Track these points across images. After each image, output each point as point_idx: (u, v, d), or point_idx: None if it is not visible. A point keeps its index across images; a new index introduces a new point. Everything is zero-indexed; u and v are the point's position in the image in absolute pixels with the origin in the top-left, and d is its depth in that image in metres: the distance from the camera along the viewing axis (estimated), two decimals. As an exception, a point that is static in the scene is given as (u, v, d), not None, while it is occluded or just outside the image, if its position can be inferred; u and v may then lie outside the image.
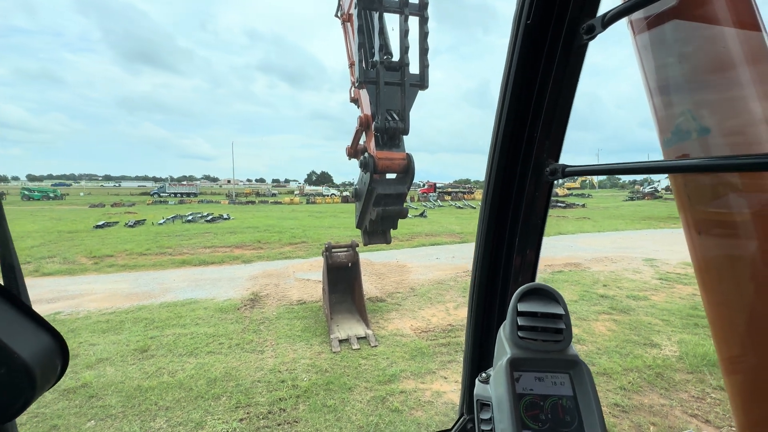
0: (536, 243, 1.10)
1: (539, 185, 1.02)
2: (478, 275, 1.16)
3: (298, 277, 10.03)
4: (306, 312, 7.24)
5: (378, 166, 4.70)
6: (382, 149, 4.79)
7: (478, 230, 1.15)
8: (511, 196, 1.07)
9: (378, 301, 7.95)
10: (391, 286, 9.15)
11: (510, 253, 1.11)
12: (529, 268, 1.11)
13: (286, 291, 8.70)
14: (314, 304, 7.68)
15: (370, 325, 6.36)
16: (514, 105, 1.00)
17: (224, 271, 10.71)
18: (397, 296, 8.30)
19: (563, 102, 0.96)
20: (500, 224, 1.11)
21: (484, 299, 1.17)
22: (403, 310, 7.45)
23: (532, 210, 1.06)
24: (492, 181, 1.08)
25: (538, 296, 0.87)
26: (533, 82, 0.97)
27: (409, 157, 4.79)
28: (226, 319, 6.82)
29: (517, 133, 1.03)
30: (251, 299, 7.88)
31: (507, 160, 1.05)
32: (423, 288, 8.89)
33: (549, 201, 1.04)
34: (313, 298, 8.13)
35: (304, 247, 14.59)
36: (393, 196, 4.96)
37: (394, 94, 4.72)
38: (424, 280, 9.58)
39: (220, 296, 8.29)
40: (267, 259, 12.38)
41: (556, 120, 0.98)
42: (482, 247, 1.14)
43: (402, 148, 4.91)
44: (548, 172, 0.99)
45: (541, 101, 0.98)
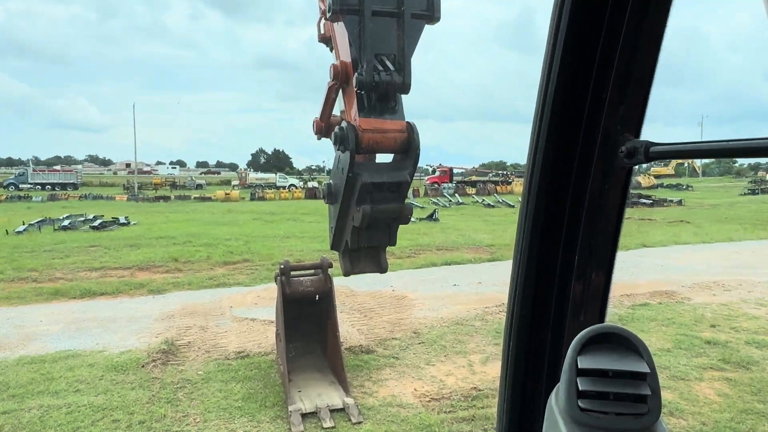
0: (606, 262, 1.11)
1: (610, 173, 1.03)
2: (517, 312, 1.16)
3: (238, 315, 10.00)
4: (250, 370, 7.22)
5: (362, 141, 4.70)
6: (369, 116, 4.82)
7: (517, 242, 1.16)
8: (566, 191, 1.08)
9: (364, 351, 7.96)
10: (383, 328, 9.16)
11: (566, 277, 1.12)
12: (595, 301, 1.12)
13: (219, 337, 8.66)
14: (263, 358, 7.67)
15: (350, 391, 6.37)
16: (571, 49, 1.01)
17: (121, 307, 10.64)
18: (392, 344, 8.32)
19: (647, 44, 0.97)
20: (550, 233, 1.12)
21: (525, 349, 1.17)
22: (403, 365, 7.46)
23: (599, 211, 1.07)
24: (537, 168, 1.09)
25: (610, 345, 0.87)
26: (601, 12, 0.98)
27: (411, 128, 4.83)
28: (125, 383, 6.78)
29: (576, 95, 1.04)
30: (164, 351, 7.83)
31: (559, 135, 1.06)
32: (433, 331, 8.93)
33: (626, 196, 1.05)
34: (261, 347, 8.10)
35: (246, 269, 14.56)
36: (387, 187, 4.96)
37: (388, 31, 4.75)
38: (435, 320, 9.62)
39: (115, 346, 8.23)
40: (188, 288, 12.34)
41: (635, 73, 1.00)
42: (522, 269, 1.14)
43: (400, 113, 4.94)
44: (624, 153, 1.00)
45: (612, 43, 0.99)
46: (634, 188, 51.02)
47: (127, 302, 11.08)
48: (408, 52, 4.79)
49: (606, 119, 1.01)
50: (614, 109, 1.01)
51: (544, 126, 1.06)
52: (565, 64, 1.02)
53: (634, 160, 0.97)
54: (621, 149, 1.00)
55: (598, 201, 1.06)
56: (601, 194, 1.05)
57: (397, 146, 4.88)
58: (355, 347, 8.08)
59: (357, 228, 5.08)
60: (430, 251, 17.24)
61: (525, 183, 1.13)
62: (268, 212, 33.26)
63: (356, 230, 5.13)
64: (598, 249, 1.10)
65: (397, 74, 4.70)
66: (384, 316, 9.96)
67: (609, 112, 1.01)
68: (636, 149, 0.96)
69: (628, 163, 0.99)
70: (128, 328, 9.21)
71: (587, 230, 1.08)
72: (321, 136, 6.20)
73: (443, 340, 8.47)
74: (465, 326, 9.20)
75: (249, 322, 9.53)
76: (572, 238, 1.10)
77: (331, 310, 6.84)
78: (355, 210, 4.98)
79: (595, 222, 1.08)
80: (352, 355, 7.75)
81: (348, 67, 5.08)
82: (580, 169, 1.06)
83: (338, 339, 6.73)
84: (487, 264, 15.20)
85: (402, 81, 4.72)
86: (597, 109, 1.02)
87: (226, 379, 6.90)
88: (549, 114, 1.05)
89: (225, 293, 11.81)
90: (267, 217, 29.66)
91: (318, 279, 6.84)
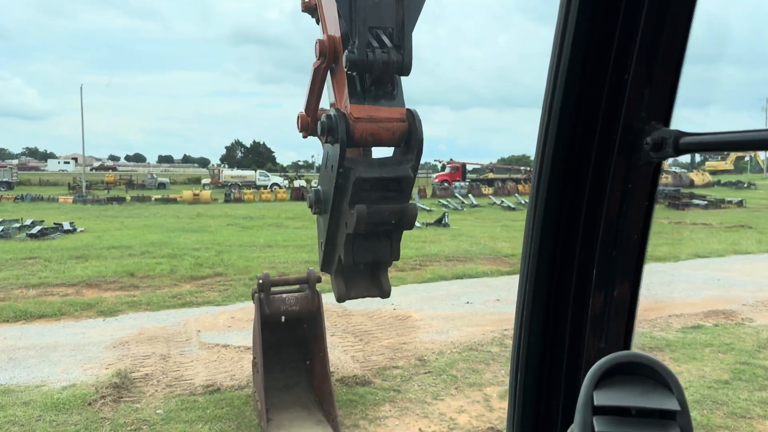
0: (631, 276, 1.11)
1: (633, 169, 1.04)
2: (525, 337, 1.17)
3: (207, 341, 9.99)
4: (221, 408, 7.21)
5: (354, 132, 4.70)
6: (362, 102, 4.82)
7: (524, 255, 1.17)
8: (581, 192, 1.09)
9: (359, 383, 7.96)
10: (382, 354, 9.16)
11: (582, 295, 1.12)
12: (617, 323, 1.12)
13: (183, 368, 8.66)
14: (237, 393, 7.67)
15: (341, 431, 6.34)
16: (586, 20, 1.02)
17: (64, 332, 10.62)
18: (393, 374, 8.32)
19: (677, 11, 0.98)
20: (563, 243, 1.12)
21: (534, 380, 1.17)
22: (405, 400, 7.46)
23: (621, 215, 1.07)
24: (547, 165, 1.09)
25: (633, 377, 0.88)
26: None
27: (412, 116, 4.83)
28: (67, 425, 6.75)
29: (593, 75, 1.04)
30: (115, 385, 7.83)
31: (573, 125, 1.06)
32: (442, 359, 8.92)
33: (654, 197, 1.05)
34: (234, 380, 8.10)
35: (219, 284, 14.57)
36: (386, 184, 4.94)
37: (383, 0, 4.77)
38: (444, 344, 9.62)
39: (56, 380, 8.22)
40: (147, 308, 12.34)
41: (663, 48, 1.00)
42: (530, 286, 1.15)
43: (399, 99, 4.94)
44: (649, 145, 1.00)
45: (635, 11, 1.00)
46: (683, 186, 50.85)
47: (72, 326, 11.04)
48: (408, 25, 4.78)
49: (628, 105, 1.02)
50: (638, 93, 1.01)
51: (554, 114, 1.07)
52: (579, 39, 1.03)
53: (662, 153, 0.98)
54: (646, 140, 1.00)
55: (620, 203, 1.06)
56: (623, 195, 1.06)
57: (395, 138, 4.87)
58: (348, 378, 8.07)
59: (351, 237, 4.99)
60: (439, 262, 17.24)
61: (533, 183, 1.14)
62: (245, 216, 33.30)
63: (350, 240, 5.04)
64: (621, 261, 1.10)
65: (395, 52, 4.70)
66: (383, 339, 9.96)
67: (632, 97, 1.02)
68: (664, 140, 0.97)
69: (654, 158, 1.00)
70: (72, 357, 9.18)
71: (607, 239, 1.09)
72: (307, 134, 6.10)
73: (454, 370, 8.47)
74: (480, 352, 9.19)
75: (220, 349, 9.52)
76: (589, 248, 1.11)
77: (320, 334, 6.84)
78: (348, 213, 4.92)
79: (616, 229, 1.08)
80: (344, 388, 7.74)
81: (337, 42, 5.08)
82: (597, 164, 1.07)
83: (328, 368, 6.72)
84: (506, 278, 15.22)
85: (401, 60, 4.70)
86: (617, 93, 1.03)
87: (191, 419, 6.87)
88: (560, 100, 1.05)
89: (192, 314, 11.80)
90: (244, 222, 29.72)
91: (304, 296, 6.84)
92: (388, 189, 4.98)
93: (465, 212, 37.83)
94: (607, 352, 0.92)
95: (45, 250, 19.33)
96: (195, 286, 14.52)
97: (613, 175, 1.05)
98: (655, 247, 19.08)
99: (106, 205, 45.41)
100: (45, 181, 78.18)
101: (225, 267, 16.55)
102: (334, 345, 9.38)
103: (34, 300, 12.86)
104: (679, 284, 13.81)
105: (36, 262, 17.28)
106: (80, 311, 12.03)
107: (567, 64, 1.04)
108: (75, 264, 16.96)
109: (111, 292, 13.86)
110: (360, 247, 5.14)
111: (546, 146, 1.09)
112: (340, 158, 4.77)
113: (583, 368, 1.13)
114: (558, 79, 1.06)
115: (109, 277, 15.11)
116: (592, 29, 1.02)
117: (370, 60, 4.64)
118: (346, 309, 11.70)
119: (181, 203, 46.91)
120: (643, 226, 1.08)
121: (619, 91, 1.03)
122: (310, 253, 19.01)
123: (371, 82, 4.89)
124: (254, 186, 65.90)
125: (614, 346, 1.12)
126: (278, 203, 49.09)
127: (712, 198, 41.43)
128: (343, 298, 5.50)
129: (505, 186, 55.88)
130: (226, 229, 26.69)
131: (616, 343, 1.12)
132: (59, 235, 23.85)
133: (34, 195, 51.31)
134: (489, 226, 27.86)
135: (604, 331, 1.12)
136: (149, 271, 15.89)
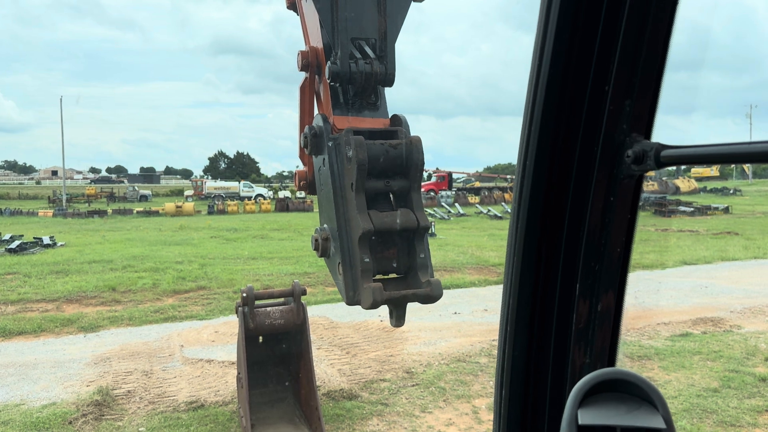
0: (614, 289, 1.11)
1: (615, 182, 1.04)
2: (509, 353, 1.16)
3: (191, 356, 9.91)
4: (205, 425, 7.14)
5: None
6: (345, 113, 4.80)
7: (507, 270, 1.16)
8: (563, 205, 1.08)
9: (345, 397, 7.92)
10: (369, 367, 9.13)
11: (565, 310, 1.12)
12: (602, 337, 1.12)
13: (167, 384, 8.57)
14: (221, 410, 7.60)
15: (328, 447, 6.31)
16: (565, 29, 1.02)
17: (44, 349, 10.50)
18: (381, 387, 8.28)
19: (656, 20, 0.98)
20: (544, 258, 1.12)
21: (518, 395, 1.16)
22: (393, 414, 7.43)
23: (603, 226, 1.07)
24: (528, 177, 1.09)
25: (617, 395, 0.87)
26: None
27: (400, 122, 4.76)
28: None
29: (572, 86, 1.05)
30: (97, 403, 7.73)
31: (554, 135, 1.06)
32: (430, 371, 8.90)
33: (636, 210, 1.05)
34: (219, 396, 8.03)
35: (202, 298, 14.47)
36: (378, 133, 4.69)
37: (365, 8, 4.77)
38: (432, 356, 9.60)
39: (36, 398, 8.11)
40: (129, 324, 12.23)
41: (644, 58, 1.00)
42: (513, 298, 1.14)
43: (382, 110, 4.94)
44: (630, 157, 1.00)
45: (614, 20, 1.00)
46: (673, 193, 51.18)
47: (52, 343, 10.92)
48: (391, 35, 4.81)
49: (609, 117, 1.02)
50: (619, 105, 1.02)
51: (534, 126, 1.07)
52: (558, 50, 1.03)
53: (643, 166, 0.98)
54: (627, 153, 1.00)
55: (602, 215, 1.06)
56: (604, 208, 1.06)
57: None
58: (335, 392, 8.03)
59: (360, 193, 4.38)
60: (427, 273, 17.25)
61: (514, 195, 1.13)
62: (229, 228, 33.14)
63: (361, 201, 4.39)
64: (605, 274, 1.10)
65: (378, 63, 4.70)
66: (370, 352, 9.92)
67: (612, 108, 1.02)
68: (645, 153, 0.97)
69: (636, 170, 1.00)
70: (53, 374, 9.07)
71: (590, 252, 1.09)
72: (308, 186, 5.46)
73: (442, 381, 8.44)
74: (468, 364, 9.18)
75: (204, 364, 9.44)
76: (572, 261, 1.10)
77: (305, 347, 6.80)
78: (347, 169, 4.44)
79: (599, 243, 1.08)
80: (331, 402, 7.70)
81: (319, 53, 5.09)
82: (579, 177, 1.06)
83: (314, 383, 6.67)
84: (494, 288, 15.24)
85: (384, 71, 4.71)
86: (598, 105, 1.03)
87: (174, 436, 6.81)
88: (540, 111, 1.05)
89: (175, 329, 11.71)
90: (228, 235, 29.56)
91: (289, 309, 6.80)
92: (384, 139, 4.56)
93: (452, 221, 37.92)
94: (591, 367, 0.92)
95: (24, 265, 19.10)
96: (178, 300, 14.41)
97: (595, 188, 1.05)
98: (642, 255, 19.25)
99: (87, 218, 45.04)
100: (24, 195, 77.46)
101: (208, 280, 16.44)
102: (320, 359, 9.33)
103: (13, 316, 12.69)
104: (667, 292, 13.90)
105: (15, 278, 17.06)
106: (60, 327, 11.90)
107: (547, 76, 1.04)
108: (55, 279, 16.77)
109: (92, 307, 13.71)
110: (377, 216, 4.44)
111: (527, 159, 1.09)
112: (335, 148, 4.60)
113: (569, 383, 1.12)
114: (538, 90, 1.06)
115: (90, 292, 14.96)
116: (572, 41, 1.03)
117: (353, 71, 4.65)
118: (333, 321, 11.66)
119: (163, 216, 46.60)
120: (626, 239, 1.08)
121: (599, 102, 1.03)
122: (295, 265, 18.97)
123: (354, 93, 4.90)
124: (238, 197, 65.73)
125: (599, 361, 1.12)
126: (263, 215, 48.92)
127: (699, 205, 41.83)
128: (377, 303, 4.40)
129: (491, 195, 56.13)
130: (210, 242, 26.53)
131: (601, 357, 1.12)
132: (39, 250, 23.58)
133: (14, 209, 50.79)
134: (476, 236, 27.93)
135: (589, 346, 1.12)
136: (131, 285, 15.74)
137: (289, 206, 53.27)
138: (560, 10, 1.01)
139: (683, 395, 7.73)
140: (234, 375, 7.52)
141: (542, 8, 1.03)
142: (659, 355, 9.44)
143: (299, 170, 5.60)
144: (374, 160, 4.44)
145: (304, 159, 5.54)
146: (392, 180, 4.62)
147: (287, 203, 54.39)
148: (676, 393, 7.81)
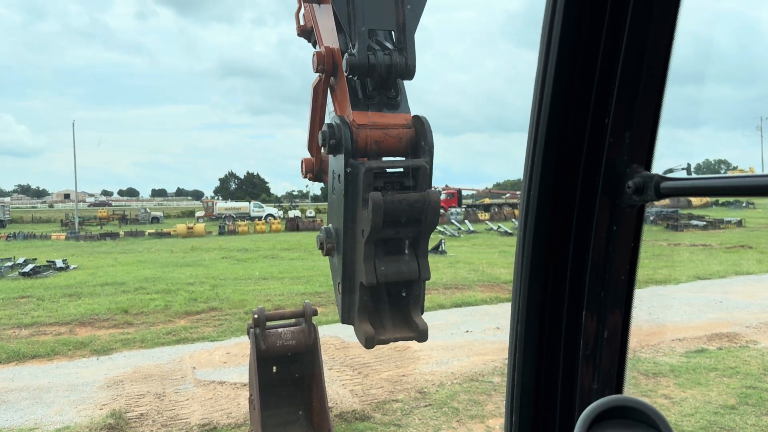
0: (621, 314, 1.12)
1: (617, 212, 1.06)
2: (518, 376, 1.17)
3: (203, 378, 9.89)
4: (218, 447, 7.10)
5: (358, 139, 4.41)
6: (365, 109, 4.62)
7: (514, 293, 1.18)
8: (566, 235, 1.10)
9: (358, 418, 7.87)
10: (382, 388, 9.07)
11: (572, 335, 1.13)
12: (609, 364, 1.13)
13: (179, 407, 8.55)
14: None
15: (341, 469, 6.27)
16: (565, 63, 1.04)
17: (57, 373, 10.51)
18: (393, 408, 8.22)
19: (654, 54, 1.01)
20: (549, 288, 1.14)
21: (529, 421, 1.17)
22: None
23: (607, 258, 1.09)
24: (532, 208, 1.11)
25: (624, 422, 0.88)
26: (599, 18, 1.02)
27: (421, 123, 4.52)
28: (62, 468, 6.66)
29: (573, 118, 1.07)
30: (110, 426, 7.73)
31: (557, 166, 1.09)
32: (442, 390, 8.83)
33: (639, 240, 1.07)
34: (231, 418, 8.00)
35: (214, 319, 14.45)
36: (399, 176, 4.59)
37: (383, 2, 4.57)
38: (445, 375, 9.53)
39: (50, 422, 8.11)
40: (141, 346, 12.22)
41: (643, 91, 1.03)
42: (521, 325, 1.16)
43: (404, 105, 4.70)
44: (631, 188, 1.02)
45: (613, 49, 1.02)
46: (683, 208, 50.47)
47: (65, 366, 10.92)
48: (410, 26, 4.61)
49: (609, 148, 1.04)
50: (619, 137, 1.04)
51: (537, 157, 1.09)
52: (559, 82, 1.05)
53: (644, 196, 1.00)
54: (628, 184, 1.02)
55: (605, 246, 1.08)
56: (608, 238, 1.07)
57: (401, 145, 4.56)
58: (347, 413, 7.98)
59: (371, 251, 4.39)
60: (437, 291, 17.16)
61: (520, 223, 1.15)
62: (240, 249, 33.17)
63: (370, 255, 4.41)
64: (609, 301, 1.11)
65: (397, 54, 4.50)
66: (382, 372, 9.86)
67: (612, 140, 1.04)
68: (645, 184, 0.99)
69: (637, 201, 1.02)
70: (66, 398, 9.06)
71: (594, 283, 1.10)
72: (313, 176, 5.52)
73: (455, 401, 8.37)
74: (481, 383, 9.10)
75: (216, 386, 9.41)
76: (577, 292, 1.12)
77: (317, 368, 6.77)
78: (362, 215, 4.38)
79: (603, 272, 1.09)
80: (343, 424, 7.64)
81: (335, 53, 4.89)
82: (582, 206, 1.08)
83: (326, 404, 6.65)
84: (505, 305, 15.09)
85: (405, 61, 4.48)
86: (599, 137, 1.06)
87: (187, 460, 6.79)
88: (543, 143, 1.08)
89: (187, 351, 11.68)
90: (239, 255, 29.59)
91: (300, 330, 6.80)
92: (402, 185, 4.55)
93: (462, 238, 37.78)
94: (600, 393, 0.93)
95: (38, 289, 19.20)
96: (190, 321, 14.41)
97: (599, 217, 1.07)
98: (654, 270, 19.07)
99: (99, 241, 45.23)
100: (38, 218, 78.03)
101: (220, 301, 16.43)
102: (332, 379, 9.29)
103: (26, 340, 12.74)
104: (681, 307, 13.75)
105: (29, 301, 17.14)
106: (73, 350, 11.91)
107: (548, 110, 1.06)
108: (68, 302, 16.83)
109: (104, 330, 13.73)
110: (382, 262, 4.50)
111: (531, 189, 1.11)
112: (345, 164, 4.49)
113: (577, 408, 1.14)
114: (540, 124, 1.08)
115: (102, 315, 15.00)
116: (572, 74, 1.05)
117: (372, 63, 4.43)
118: (344, 342, 11.60)
119: (174, 237, 46.74)
120: (630, 270, 1.09)
121: (600, 135, 1.05)
122: (306, 284, 18.95)
123: (373, 87, 4.72)
124: (248, 217, 65.89)
125: (606, 386, 1.13)
126: (273, 234, 48.97)
127: (711, 218, 41.38)
128: (371, 343, 4.51)
129: (501, 211, 55.95)
130: (221, 263, 26.57)
131: (608, 383, 1.13)
132: (52, 273, 23.71)
133: (27, 232, 51.13)
134: (486, 252, 27.80)
135: (596, 371, 1.13)
136: (143, 307, 15.77)
137: (299, 225, 53.37)
138: (559, 48, 1.03)
139: (700, 413, 7.62)
140: (246, 397, 7.50)
141: (542, 47, 1.06)
142: (674, 372, 9.33)
143: (306, 159, 5.53)
144: (390, 213, 4.26)
145: (312, 150, 5.56)
146: (403, 228, 4.48)
147: (297, 223, 54.49)
148: (692, 410, 7.71)
